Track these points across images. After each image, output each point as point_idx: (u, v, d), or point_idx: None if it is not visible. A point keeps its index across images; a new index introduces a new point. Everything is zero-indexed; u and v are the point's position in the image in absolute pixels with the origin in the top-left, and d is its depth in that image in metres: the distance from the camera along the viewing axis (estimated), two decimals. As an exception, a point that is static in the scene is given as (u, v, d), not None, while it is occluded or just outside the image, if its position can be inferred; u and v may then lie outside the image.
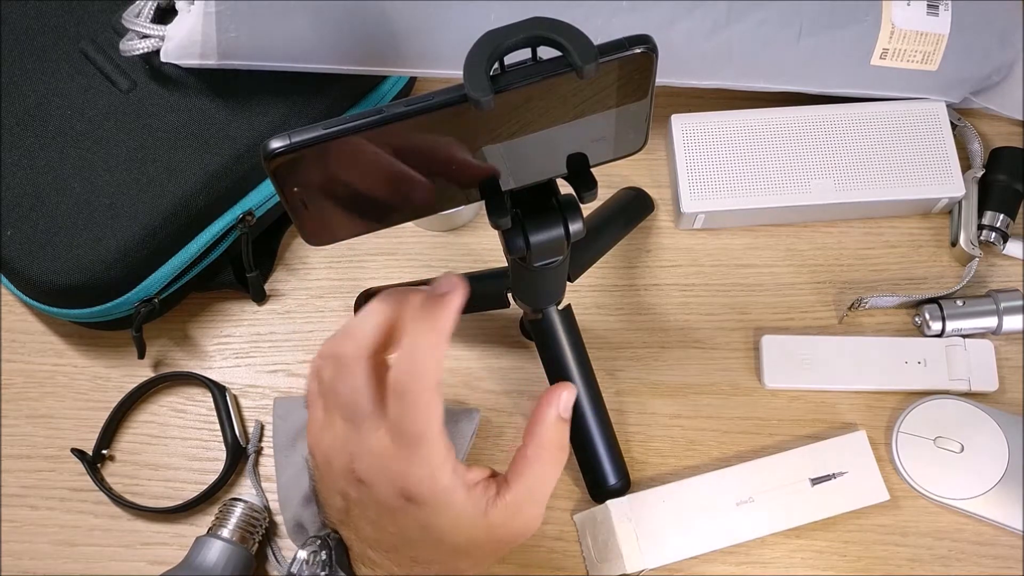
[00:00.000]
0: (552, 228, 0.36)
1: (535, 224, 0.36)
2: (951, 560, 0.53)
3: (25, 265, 0.52)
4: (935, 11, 0.56)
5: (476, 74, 0.28)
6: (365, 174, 0.32)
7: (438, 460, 0.35)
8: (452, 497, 0.36)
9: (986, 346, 0.56)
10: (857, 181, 0.58)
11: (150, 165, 0.53)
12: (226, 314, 0.60)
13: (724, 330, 0.59)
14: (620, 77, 0.31)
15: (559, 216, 0.36)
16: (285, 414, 0.56)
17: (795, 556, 0.53)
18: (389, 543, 0.38)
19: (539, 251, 0.37)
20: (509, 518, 0.38)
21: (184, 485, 0.56)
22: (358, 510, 0.38)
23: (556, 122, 0.32)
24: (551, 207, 0.36)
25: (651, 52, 0.30)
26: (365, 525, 0.38)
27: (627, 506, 0.51)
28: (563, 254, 0.38)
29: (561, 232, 0.36)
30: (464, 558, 0.38)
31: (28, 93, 0.54)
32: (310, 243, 0.35)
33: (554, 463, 0.39)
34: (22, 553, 0.54)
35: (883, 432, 0.56)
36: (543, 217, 0.36)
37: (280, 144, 0.29)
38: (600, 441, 0.52)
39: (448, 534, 0.37)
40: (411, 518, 0.36)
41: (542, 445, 0.38)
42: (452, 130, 0.31)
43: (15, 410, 0.57)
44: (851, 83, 0.58)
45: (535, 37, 0.28)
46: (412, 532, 0.37)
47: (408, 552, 0.38)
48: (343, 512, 0.39)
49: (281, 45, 0.52)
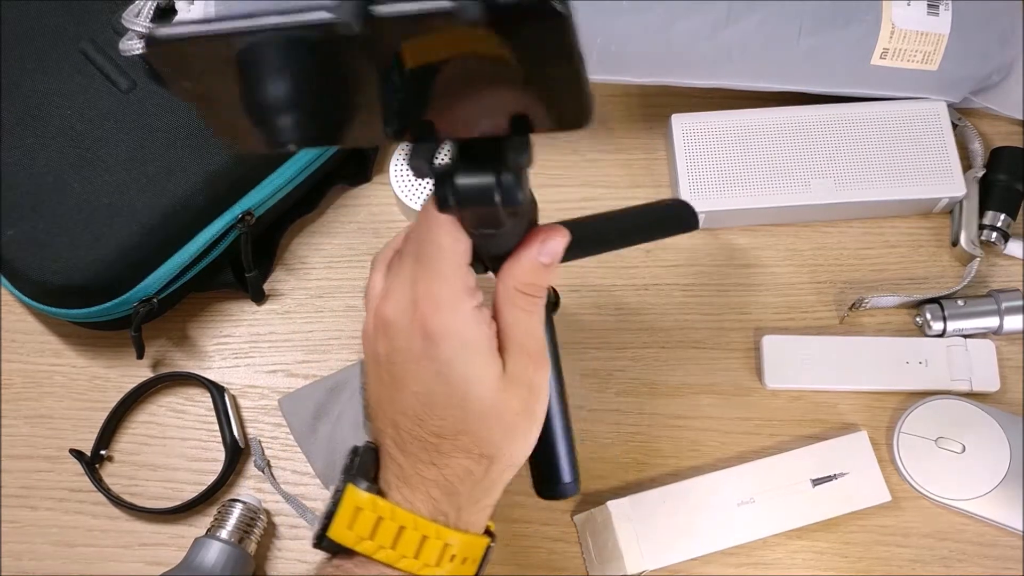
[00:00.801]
0: (482, 189, 0.32)
1: (464, 181, 0.32)
2: (952, 561, 0.53)
3: (25, 265, 0.52)
4: (935, 11, 0.56)
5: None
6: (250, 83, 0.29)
7: (460, 284, 0.34)
8: (474, 333, 0.35)
9: (987, 346, 0.56)
10: (857, 181, 0.58)
11: (149, 165, 0.53)
12: (225, 314, 0.60)
13: (724, 330, 0.58)
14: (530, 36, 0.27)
15: (493, 177, 0.32)
16: (293, 408, 0.56)
17: (796, 557, 0.53)
18: (413, 410, 0.36)
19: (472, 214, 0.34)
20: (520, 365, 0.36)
21: (183, 486, 0.56)
22: (386, 372, 0.37)
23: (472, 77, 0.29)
24: (489, 168, 0.33)
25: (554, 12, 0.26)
26: (392, 392, 0.37)
27: (628, 507, 0.51)
28: (502, 223, 0.34)
29: (493, 195, 0.32)
30: (495, 422, 0.36)
31: (28, 93, 0.54)
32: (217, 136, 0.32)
33: (532, 302, 0.36)
34: (22, 553, 0.54)
35: (884, 432, 0.56)
36: (476, 176, 0.32)
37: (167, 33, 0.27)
38: (561, 438, 0.49)
39: (472, 387, 0.35)
40: (433, 364, 0.35)
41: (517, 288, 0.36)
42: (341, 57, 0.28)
43: (14, 410, 0.57)
44: (851, 83, 0.58)
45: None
46: (433, 384, 0.35)
47: (432, 421, 0.36)
48: (376, 384, 0.38)
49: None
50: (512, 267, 0.36)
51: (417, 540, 0.36)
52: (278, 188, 0.56)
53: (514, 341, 0.36)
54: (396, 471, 0.37)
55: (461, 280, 0.35)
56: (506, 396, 0.36)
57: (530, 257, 0.36)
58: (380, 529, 0.36)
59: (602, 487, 0.55)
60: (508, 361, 0.36)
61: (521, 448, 0.38)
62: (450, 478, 0.37)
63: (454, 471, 0.36)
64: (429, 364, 0.35)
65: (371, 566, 0.37)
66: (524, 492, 0.55)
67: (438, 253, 0.34)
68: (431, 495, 0.37)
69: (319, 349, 0.59)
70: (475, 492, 0.37)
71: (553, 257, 0.36)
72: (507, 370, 0.36)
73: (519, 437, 0.37)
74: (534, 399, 0.37)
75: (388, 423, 0.37)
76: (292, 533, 0.55)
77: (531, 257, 0.36)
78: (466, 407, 0.35)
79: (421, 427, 0.36)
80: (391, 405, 0.37)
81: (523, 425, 0.37)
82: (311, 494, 0.55)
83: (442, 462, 0.36)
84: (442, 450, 0.36)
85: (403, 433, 0.37)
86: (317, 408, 0.55)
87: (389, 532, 0.36)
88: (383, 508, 0.36)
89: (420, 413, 0.36)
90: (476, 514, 0.38)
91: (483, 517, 0.39)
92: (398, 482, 0.37)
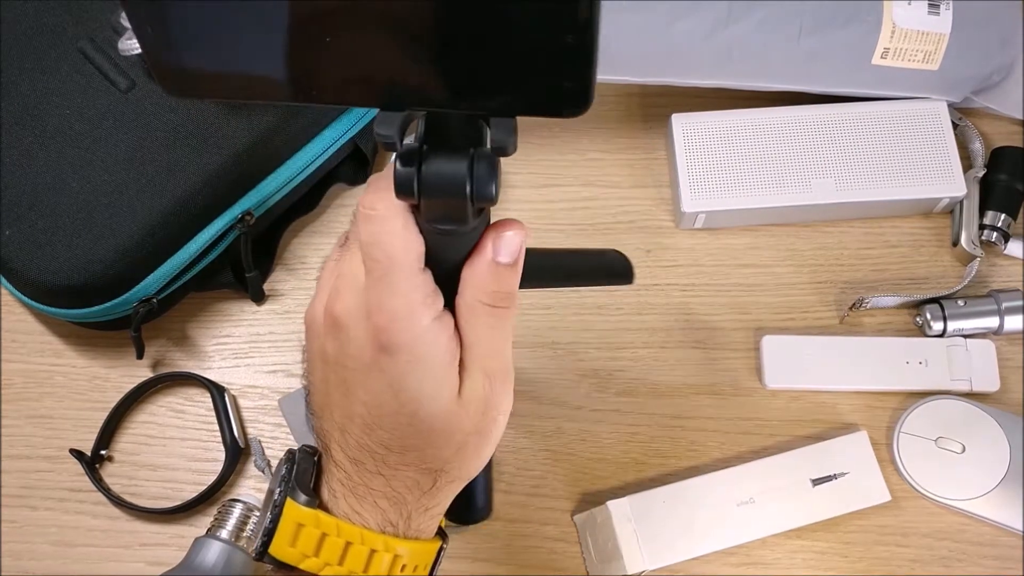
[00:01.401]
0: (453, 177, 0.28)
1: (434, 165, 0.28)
2: (952, 561, 0.53)
3: (24, 265, 0.52)
4: (936, 10, 0.56)
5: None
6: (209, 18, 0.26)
7: (416, 295, 0.30)
8: (431, 349, 0.31)
9: (987, 346, 0.56)
10: (858, 181, 0.58)
11: (149, 165, 0.53)
12: (225, 314, 0.60)
13: (724, 330, 0.58)
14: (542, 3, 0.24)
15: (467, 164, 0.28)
16: (293, 408, 0.56)
17: (796, 557, 0.53)
18: (361, 418, 0.33)
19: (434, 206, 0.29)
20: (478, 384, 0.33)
21: (183, 486, 0.56)
22: (333, 374, 0.34)
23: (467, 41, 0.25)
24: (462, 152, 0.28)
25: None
26: (339, 396, 0.34)
27: (627, 506, 0.51)
28: (465, 221, 0.30)
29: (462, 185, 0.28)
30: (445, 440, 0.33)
31: (27, 92, 0.54)
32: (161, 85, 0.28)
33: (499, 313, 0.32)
34: (21, 553, 0.54)
35: (884, 432, 0.56)
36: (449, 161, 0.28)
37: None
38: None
39: (423, 405, 0.32)
40: (384, 376, 0.32)
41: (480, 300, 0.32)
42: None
43: (14, 410, 0.57)
44: (852, 83, 0.58)
45: None
46: (383, 397, 0.32)
47: (380, 433, 0.33)
48: (323, 383, 0.35)
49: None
50: (470, 275, 0.31)
51: (365, 554, 0.34)
52: (278, 188, 0.56)
53: (476, 357, 0.33)
54: (342, 478, 0.35)
55: (417, 290, 0.31)
56: (460, 415, 0.33)
57: (486, 259, 0.31)
58: (325, 545, 0.34)
59: (602, 487, 0.55)
60: (466, 378, 0.33)
61: (471, 465, 0.35)
62: (398, 488, 0.34)
63: (401, 483, 0.34)
64: (380, 376, 0.32)
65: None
66: (524, 492, 0.55)
67: (388, 263, 0.30)
68: (379, 505, 0.35)
69: (319, 349, 0.59)
70: (423, 501, 0.35)
71: (513, 255, 0.31)
72: (463, 388, 0.33)
73: (469, 455, 0.35)
74: (488, 420, 0.34)
75: (335, 426, 0.35)
76: (292, 533, 0.55)
77: (487, 259, 0.31)
78: (415, 424, 0.33)
79: (368, 437, 0.34)
80: (338, 409, 0.34)
81: (474, 443, 0.34)
82: (311, 494, 0.55)
83: (389, 473, 0.34)
84: (388, 462, 0.34)
85: (350, 440, 0.34)
86: None
87: (335, 548, 0.34)
88: (327, 524, 0.34)
89: (369, 422, 0.33)
90: (426, 521, 0.36)
91: (433, 523, 0.37)
92: (344, 490, 0.35)
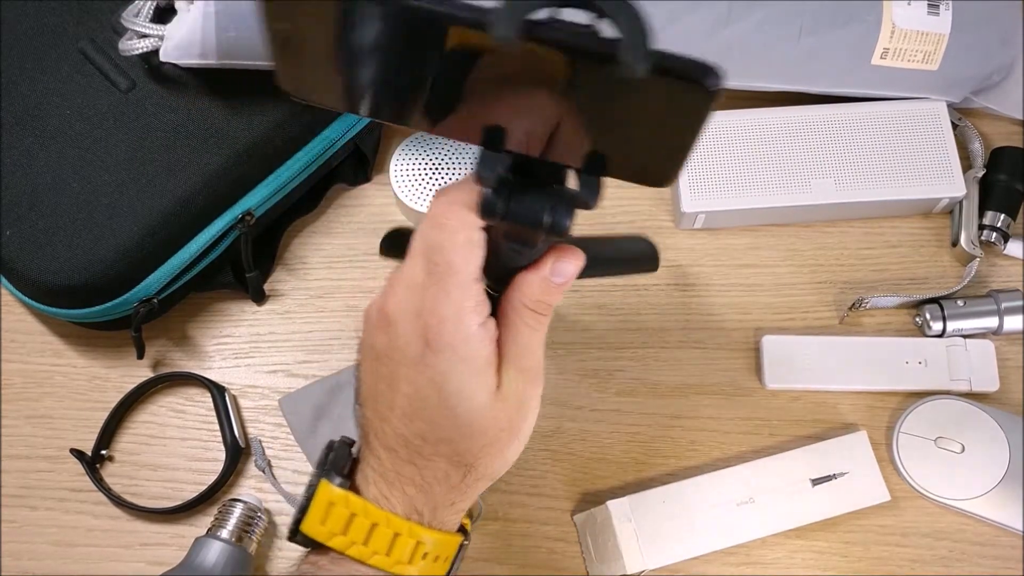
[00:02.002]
0: (535, 211, 0.32)
1: (521, 198, 0.32)
2: (952, 561, 0.53)
3: (24, 265, 0.52)
4: (936, 11, 0.56)
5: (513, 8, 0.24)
6: (352, 44, 0.29)
7: (468, 303, 0.34)
8: (474, 351, 0.35)
9: (987, 346, 0.56)
10: (858, 181, 0.58)
11: (149, 165, 0.53)
12: (225, 314, 0.60)
13: (724, 330, 0.58)
14: (671, 100, 0.27)
15: (549, 203, 0.32)
16: (294, 408, 0.56)
17: (795, 557, 0.53)
18: (402, 409, 0.36)
19: (511, 229, 0.33)
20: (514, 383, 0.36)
21: (183, 486, 0.56)
22: (382, 366, 0.37)
23: (582, 112, 0.29)
24: (547, 192, 0.32)
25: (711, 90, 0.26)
26: (384, 387, 0.37)
27: (627, 506, 0.51)
28: (535, 244, 0.34)
29: (541, 218, 0.32)
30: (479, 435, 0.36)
31: (27, 93, 0.54)
32: (280, 85, 0.31)
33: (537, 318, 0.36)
34: (21, 553, 0.54)
35: (884, 432, 0.56)
36: (533, 196, 0.32)
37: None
38: None
39: (462, 401, 0.35)
40: (428, 371, 0.35)
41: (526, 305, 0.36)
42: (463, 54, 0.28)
43: (14, 410, 0.57)
44: (852, 83, 0.58)
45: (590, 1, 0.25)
46: (425, 390, 0.35)
47: (418, 424, 0.36)
48: (371, 374, 0.37)
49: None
50: (523, 283, 0.36)
51: (389, 537, 0.36)
52: (278, 188, 0.56)
53: (512, 356, 0.36)
54: (375, 464, 0.37)
55: (469, 298, 0.34)
56: (494, 411, 0.36)
57: (543, 275, 0.36)
58: (353, 525, 0.36)
59: (602, 487, 0.55)
60: (503, 376, 0.36)
61: (500, 462, 0.38)
62: (428, 479, 0.37)
63: (432, 473, 0.37)
64: (424, 370, 0.35)
65: (344, 563, 0.37)
66: (524, 492, 0.55)
67: (448, 271, 0.34)
68: (407, 492, 0.37)
69: (319, 349, 0.59)
70: (450, 495, 0.37)
71: (566, 278, 0.36)
72: (502, 383, 0.36)
73: (500, 451, 0.37)
74: (520, 417, 0.37)
75: (376, 415, 0.38)
76: (292, 533, 0.55)
77: (544, 276, 0.36)
78: (453, 419, 0.35)
79: (407, 427, 0.36)
80: (382, 399, 0.37)
81: (506, 440, 0.37)
82: (311, 494, 0.55)
83: (421, 463, 0.36)
84: (423, 453, 0.36)
85: (387, 428, 0.37)
86: (318, 408, 0.55)
87: (362, 528, 0.36)
88: (356, 504, 0.36)
89: (409, 413, 0.36)
90: (450, 515, 0.38)
91: (457, 518, 0.39)
92: (376, 476, 0.37)
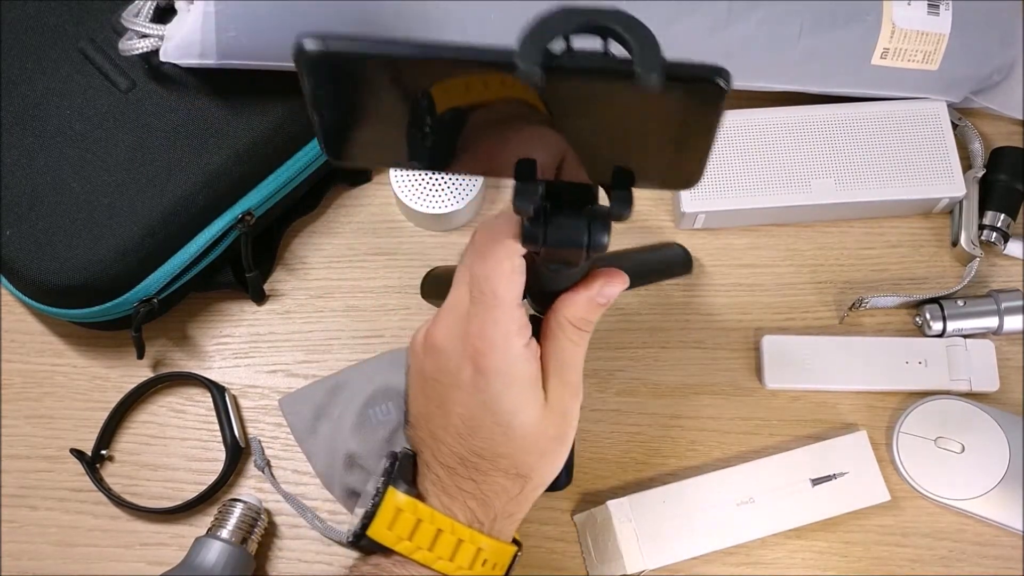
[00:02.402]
0: (574, 233, 0.34)
1: (559, 223, 0.34)
2: (952, 561, 0.53)
3: (24, 265, 0.52)
4: (936, 11, 0.56)
5: (532, 44, 0.26)
6: (389, 104, 0.31)
7: (514, 327, 0.36)
8: (521, 372, 0.37)
9: (987, 346, 0.56)
10: (858, 181, 0.58)
11: (149, 165, 0.53)
12: (225, 314, 0.60)
13: (724, 330, 0.58)
14: (685, 104, 0.29)
15: (586, 224, 0.34)
16: (293, 408, 0.56)
17: (795, 556, 0.53)
18: (456, 429, 0.38)
19: (553, 253, 0.36)
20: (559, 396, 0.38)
21: (183, 485, 0.56)
22: (431, 390, 0.39)
23: (606, 130, 0.31)
24: (582, 213, 0.34)
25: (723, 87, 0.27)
26: (435, 408, 0.39)
27: (627, 507, 0.51)
28: (579, 264, 0.37)
29: (582, 239, 0.34)
30: (533, 447, 0.38)
31: (27, 93, 0.54)
32: (325, 153, 0.34)
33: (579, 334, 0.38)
34: (21, 553, 0.54)
35: (884, 432, 0.56)
36: (570, 219, 0.34)
37: (313, 46, 0.29)
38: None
39: (515, 417, 0.37)
40: (480, 395, 0.37)
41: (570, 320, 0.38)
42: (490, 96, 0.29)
43: (14, 410, 0.57)
44: (852, 83, 0.58)
45: (602, 26, 0.26)
46: (477, 411, 0.37)
47: (474, 442, 0.38)
48: (420, 397, 0.40)
49: (280, 45, 0.51)
50: (569, 302, 0.38)
51: (453, 543, 0.38)
52: (278, 188, 0.56)
53: (556, 370, 0.38)
54: (434, 480, 0.40)
55: (514, 322, 0.37)
56: (544, 424, 0.38)
57: (590, 295, 0.38)
58: (419, 531, 0.38)
59: (602, 487, 0.55)
60: (549, 390, 0.38)
61: (551, 469, 0.40)
62: (487, 492, 0.39)
63: (491, 487, 0.39)
64: (476, 394, 0.37)
65: (409, 566, 0.39)
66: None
67: (493, 299, 0.36)
68: (468, 505, 0.39)
69: (319, 349, 0.59)
70: (509, 506, 0.39)
71: (609, 299, 0.38)
72: (549, 396, 0.38)
73: (551, 460, 0.39)
74: (567, 425, 0.39)
75: (428, 435, 0.40)
76: (292, 533, 0.55)
77: (591, 296, 0.38)
78: (508, 435, 0.38)
79: (462, 446, 0.38)
80: (433, 420, 0.39)
81: (555, 448, 0.39)
82: (311, 494, 0.55)
83: (480, 478, 0.39)
84: (481, 468, 0.38)
85: (443, 447, 0.39)
86: (317, 408, 0.55)
87: (427, 534, 0.38)
88: (423, 511, 0.39)
89: (464, 433, 0.38)
90: (508, 525, 0.40)
91: (513, 528, 0.41)
92: (436, 490, 0.39)
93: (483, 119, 0.31)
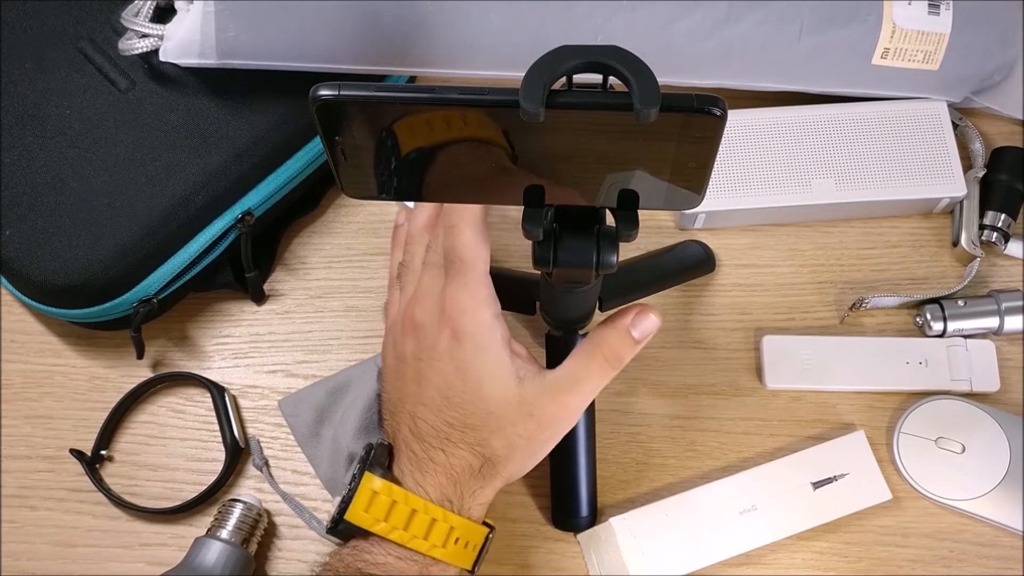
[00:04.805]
0: (582, 254, 0.36)
1: (567, 245, 0.36)
2: (952, 561, 0.53)
3: (23, 265, 0.52)
4: (936, 10, 0.56)
5: (534, 83, 0.28)
6: (403, 145, 0.33)
7: (482, 294, 0.39)
8: (491, 337, 0.39)
9: (987, 346, 0.56)
10: (858, 181, 0.58)
11: (149, 165, 0.53)
12: (225, 314, 0.60)
13: (725, 330, 0.58)
14: (683, 133, 0.30)
15: (594, 244, 0.36)
16: (294, 410, 0.56)
17: (796, 557, 0.53)
18: (433, 401, 0.41)
19: (564, 273, 0.37)
20: (544, 396, 0.40)
21: (183, 486, 0.56)
22: (410, 369, 0.41)
23: (610, 158, 0.32)
24: (590, 234, 0.36)
25: (720, 116, 0.29)
26: (413, 386, 0.41)
27: (630, 522, 0.51)
28: (589, 282, 0.38)
29: (590, 259, 0.36)
30: (497, 428, 0.40)
31: (26, 92, 0.54)
32: (346, 194, 0.36)
33: (604, 364, 0.40)
34: (21, 554, 0.54)
35: (884, 433, 0.56)
36: (578, 241, 0.36)
37: (327, 93, 0.30)
38: (584, 475, 0.52)
39: (484, 385, 0.39)
40: (453, 361, 0.39)
41: (599, 345, 0.40)
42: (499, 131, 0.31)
43: (14, 410, 0.57)
44: (852, 83, 0.58)
45: (599, 63, 0.28)
46: (452, 379, 0.40)
47: (448, 412, 0.40)
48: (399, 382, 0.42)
49: (280, 45, 0.52)
50: (605, 331, 0.40)
51: (427, 522, 0.40)
52: (278, 188, 0.56)
53: (562, 382, 0.40)
54: (410, 457, 0.42)
55: (483, 289, 0.39)
56: (514, 413, 0.40)
57: (623, 325, 0.40)
58: (394, 512, 0.40)
59: (602, 487, 0.55)
60: (541, 395, 0.40)
61: (517, 467, 0.42)
62: (455, 466, 0.41)
63: (458, 460, 0.41)
64: (451, 361, 0.40)
65: (386, 545, 0.41)
66: (523, 492, 0.55)
67: (462, 265, 0.39)
68: (439, 481, 0.41)
69: (319, 349, 0.59)
70: (472, 484, 0.41)
71: (644, 335, 0.40)
72: (534, 400, 0.40)
73: (517, 457, 0.41)
74: (542, 435, 0.41)
75: (407, 415, 0.42)
76: (292, 533, 0.55)
77: (624, 325, 0.40)
78: (477, 402, 0.40)
79: (438, 416, 0.41)
80: (413, 398, 0.42)
81: (524, 450, 0.41)
82: (311, 494, 0.55)
83: (449, 450, 0.41)
84: (452, 439, 0.41)
85: (420, 422, 0.41)
86: (319, 411, 0.55)
87: (402, 515, 0.40)
88: (397, 493, 0.41)
89: (440, 404, 0.41)
90: (475, 506, 0.42)
91: (481, 509, 0.43)
92: (411, 467, 0.42)
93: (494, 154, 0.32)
